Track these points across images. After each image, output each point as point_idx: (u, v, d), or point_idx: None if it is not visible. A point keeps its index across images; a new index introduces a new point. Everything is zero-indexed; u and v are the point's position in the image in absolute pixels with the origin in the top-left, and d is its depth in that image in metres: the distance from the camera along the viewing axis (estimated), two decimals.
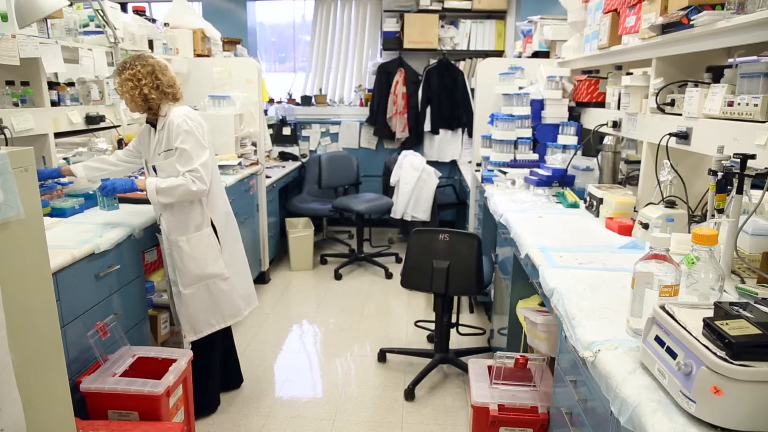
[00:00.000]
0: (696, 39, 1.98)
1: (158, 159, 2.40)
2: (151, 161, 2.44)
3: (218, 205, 2.54)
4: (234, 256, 2.64)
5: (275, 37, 6.38)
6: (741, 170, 1.57)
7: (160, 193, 2.29)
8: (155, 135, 2.42)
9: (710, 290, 1.34)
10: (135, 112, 2.48)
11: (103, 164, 2.61)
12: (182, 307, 2.49)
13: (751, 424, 0.91)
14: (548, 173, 2.94)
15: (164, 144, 2.37)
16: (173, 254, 2.46)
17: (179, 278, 2.47)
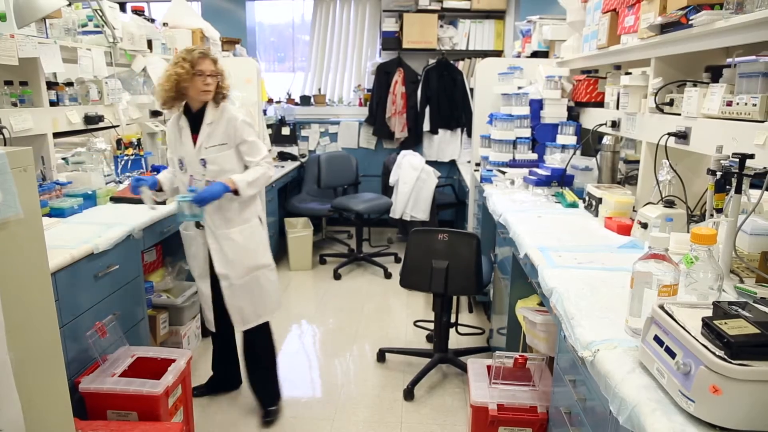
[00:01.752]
0: (695, 39, 1.98)
1: (209, 152, 2.37)
2: (198, 155, 2.38)
3: (258, 197, 2.61)
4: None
5: (274, 36, 6.38)
6: (740, 170, 1.57)
7: (250, 186, 2.35)
8: (204, 128, 2.37)
9: (709, 290, 1.34)
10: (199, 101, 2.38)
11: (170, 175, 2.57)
12: (234, 299, 2.51)
13: (750, 423, 0.91)
14: (547, 173, 2.94)
15: (218, 138, 2.37)
16: (223, 248, 2.46)
17: (232, 270, 2.48)
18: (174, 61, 2.33)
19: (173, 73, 2.29)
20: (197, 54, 2.32)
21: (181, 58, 2.31)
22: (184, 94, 2.33)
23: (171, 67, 2.32)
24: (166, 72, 2.34)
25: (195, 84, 2.30)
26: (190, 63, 2.28)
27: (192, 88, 2.31)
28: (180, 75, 2.27)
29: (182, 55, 2.32)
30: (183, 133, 2.41)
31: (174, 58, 2.36)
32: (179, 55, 2.34)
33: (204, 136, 2.38)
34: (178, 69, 2.27)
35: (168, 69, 2.34)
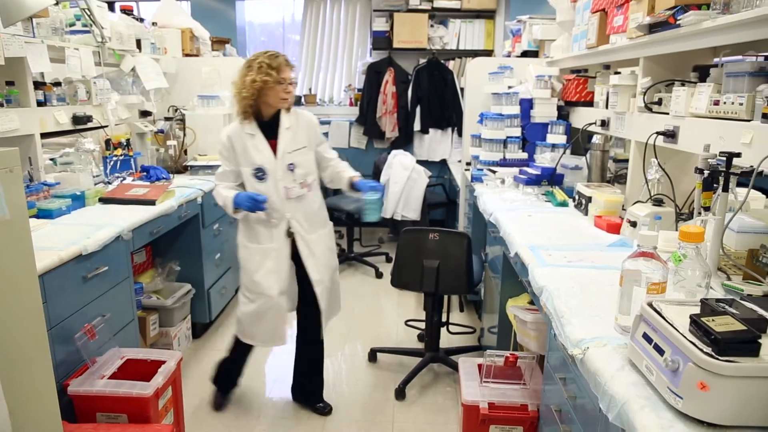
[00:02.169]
0: (682, 39, 2.00)
1: (294, 157, 2.34)
2: (283, 161, 2.32)
3: None
4: None
5: (265, 36, 6.36)
6: (727, 168, 1.59)
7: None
8: (283, 134, 2.33)
9: (697, 287, 1.35)
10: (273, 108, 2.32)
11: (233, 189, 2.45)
12: (325, 303, 2.54)
13: (736, 418, 0.92)
14: (537, 172, 2.95)
15: (300, 141, 2.36)
16: (315, 253, 2.46)
17: (325, 274, 2.52)
18: (254, 66, 2.21)
19: (258, 80, 2.19)
20: (282, 60, 2.25)
21: (264, 64, 2.20)
22: (261, 101, 2.25)
23: (252, 74, 2.20)
24: (244, 78, 2.23)
25: (276, 92, 2.23)
26: (276, 70, 2.21)
27: (273, 95, 2.24)
28: (266, 83, 2.20)
29: (265, 61, 2.21)
30: (256, 141, 2.31)
31: (252, 63, 2.24)
32: (260, 60, 2.22)
33: (286, 141, 2.33)
34: (264, 76, 2.19)
35: (247, 75, 2.22)
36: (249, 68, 2.23)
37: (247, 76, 2.22)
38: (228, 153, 2.37)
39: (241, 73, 2.27)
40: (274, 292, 2.42)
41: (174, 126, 3.71)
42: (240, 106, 2.28)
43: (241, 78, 2.25)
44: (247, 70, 2.23)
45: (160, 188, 2.89)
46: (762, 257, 1.59)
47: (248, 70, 2.23)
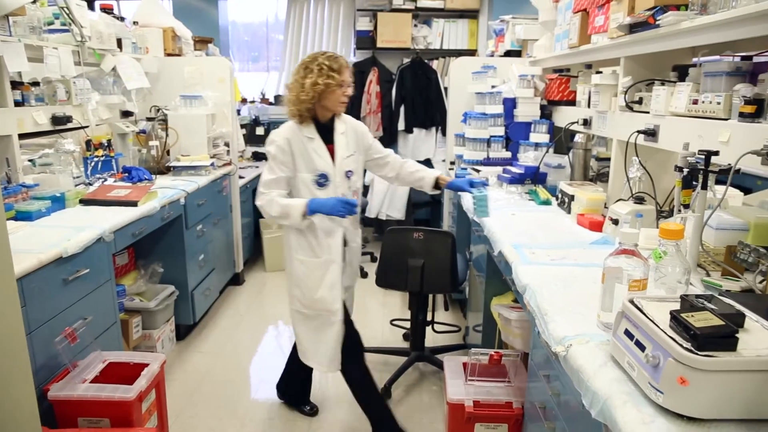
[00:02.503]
0: (662, 39, 2.02)
1: (349, 163, 2.27)
2: (341, 167, 2.25)
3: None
4: None
5: (248, 36, 6.32)
6: (705, 166, 1.61)
7: None
8: (339, 138, 2.25)
9: (677, 283, 1.36)
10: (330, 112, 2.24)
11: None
12: (350, 307, 2.50)
13: (714, 412, 0.94)
14: (521, 171, 2.97)
15: (352, 147, 2.30)
16: (353, 261, 2.43)
17: (355, 279, 2.49)
18: (314, 69, 2.13)
19: (320, 83, 2.11)
20: (343, 62, 2.18)
21: (325, 66, 2.12)
22: (319, 104, 2.17)
23: (313, 77, 2.12)
24: (303, 80, 2.13)
25: (336, 95, 2.17)
26: (337, 72, 2.13)
27: (333, 99, 2.17)
28: (328, 86, 2.12)
29: (325, 63, 2.13)
30: (315, 146, 2.20)
31: (311, 65, 2.15)
32: (320, 62, 2.13)
33: (342, 147, 2.25)
34: (326, 79, 2.11)
35: (306, 77, 2.13)
36: (308, 70, 2.14)
37: (306, 79, 2.12)
38: (285, 157, 2.18)
39: (298, 74, 2.18)
40: (337, 306, 2.28)
41: (156, 126, 3.67)
42: (297, 109, 2.17)
43: (300, 80, 2.15)
44: (306, 72, 2.14)
45: (143, 189, 2.86)
46: (740, 253, 1.62)
47: (307, 72, 2.14)
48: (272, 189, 2.18)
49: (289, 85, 2.23)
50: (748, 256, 1.59)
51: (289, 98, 2.21)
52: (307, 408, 2.70)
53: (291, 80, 2.22)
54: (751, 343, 0.96)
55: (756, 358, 0.92)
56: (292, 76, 2.22)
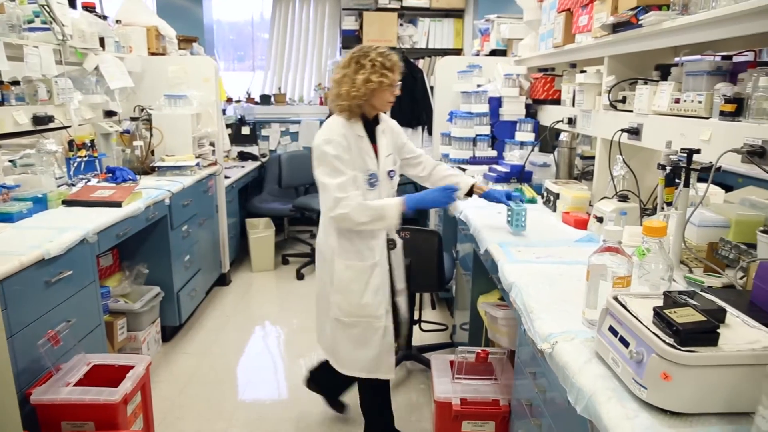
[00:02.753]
0: (644, 38, 2.05)
1: (389, 162, 2.18)
2: (385, 167, 2.15)
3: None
4: None
5: (233, 35, 6.28)
6: (687, 164, 1.63)
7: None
8: (380, 137, 2.16)
9: (660, 280, 1.38)
10: (375, 111, 2.14)
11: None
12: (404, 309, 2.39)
13: (696, 406, 0.95)
14: (506, 169, 2.98)
15: (390, 147, 2.21)
16: (400, 263, 2.33)
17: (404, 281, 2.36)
18: (366, 64, 2.01)
19: (373, 80, 1.99)
20: (396, 60, 2.07)
21: (378, 63, 2.01)
22: (367, 102, 2.06)
23: (366, 73, 2.00)
24: (356, 76, 2.01)
25: (386, 95, 2.06)
26: (390, 70, 2.03)
27: (381, 98, 2.06)
28: (381, 84, 2.01)
29: (379, 60, 2.02)
30: (364, 144, 2.08)
31: (363, 60, 2.02)
32: (373, 58, 2.02)
33: (384, 146, 2.16)
34: (380, 77, 2.00)
35: (358, 73, 2.01)
36: (360, 66, 2.02)
37: (359, 74, 2.00)
38: (347, 155, 2.03)
39: (348, 68, 2.04)
40: (381, 311, 2.17)
41: (140, 126, 3.63)
42: (348, 105, 2.04)
43: (351, 75, 2.02)
44: (358, 66, 2.02)
45: (127, 190, 2.83)
46: (721, 250, 1.64)
47: (360, 68, 2.02)
48: (349, 191, 1.99)
49: (337, 78, 2.08)
50: (729, 252, 1.62)
51: (338, 92, 2.06)
52: (337, 404, 2.64)
53: (338, 73, 2.08)
54: (732, 338, 0.97)
55: (736, 353, 0.93)
56: (340, 68, 2.07)
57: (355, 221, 1.99)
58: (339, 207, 1.97)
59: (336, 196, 1.97)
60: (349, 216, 1.98)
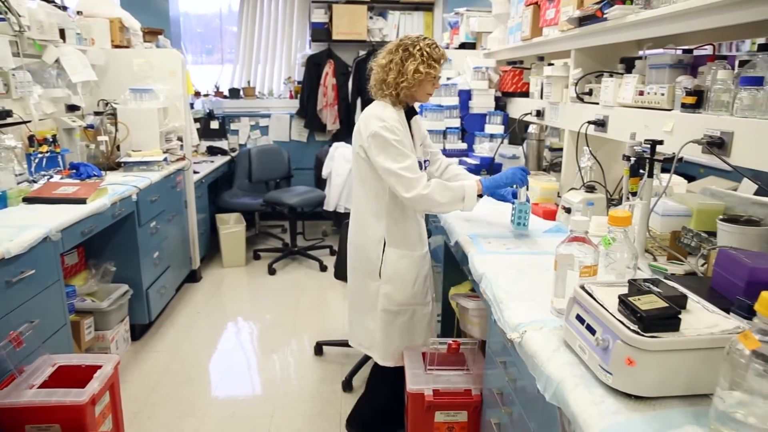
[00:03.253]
0: (609, 31, 2.08)
1: (421, 153, 2.17)
2: (420, 156, 2.13)
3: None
4: None
5: (201, 27, 6.17)
6: (651, 155, 1.67)
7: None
8: (414, 127, 2.14)
9: (626, 269, 1.41)
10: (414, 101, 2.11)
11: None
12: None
13: (659, 390, 0.98)
14: (476, 162, 3.01)
15: (419, 137, 2.19)
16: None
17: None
18: (415, 54, 1.97)
19: (422, 71, 1.96)
20: (443, 54, 2.04)
21: (426, 53, 1.98)
22: (410, 91, 2.02)
23: (415, 63, 1.96)
24: (404, 64, 1.98)
25: (428, 87, 2.04)
26: (437, 62, 2.01)
27: (423, 90, 2.04)
28: (429, 76, 1.99)
29: (427, 50, 1.98)
30: (406, 133, 2.05)
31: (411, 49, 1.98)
32: (421, 48, 1.98)
33: (418, 137, 2.14)
34: (428, 69, 1.98)
35: (408, 62, 1.97)
36: (409, 54, 1.98)
37: (408, 63, 1.97)
38: (405, 140, 1.99)
39: (396, 55, 2.00)
40: (429, 298, 2.19)
41: (105, 121, 3.54)
42: (396, 92, 2.01)
43: (399, 62, 1.99)
44: (407, 54, 1.98)
45: (92, 186, 2.76)
46: (683, 238, 1.69)
47: (409, 56, 1.98)
48: (419, 171, 1.96)
49: (382, 63, 2.03)
50: (691, 240, 1.67)
51: (383, 78, 2.02)
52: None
53: (384, 57, 2.03)
54: (693, 323, 1.00)
55: (696, 337, 0.96)
56: (387, 53, 2.03)
57: (435, 201, 1.93)
58: (420, 187, 1.91)
59: (409, 177, 1.91)
60: (429, 196, 1.92)
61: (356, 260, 2.21)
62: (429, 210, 1.99)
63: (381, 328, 2.15)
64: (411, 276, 2.12)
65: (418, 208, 1.98)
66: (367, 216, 2.12)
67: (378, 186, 2.05)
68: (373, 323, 2.17)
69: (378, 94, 2.08)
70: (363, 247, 2.15)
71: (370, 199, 2.09)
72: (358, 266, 2.21)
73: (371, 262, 2.13)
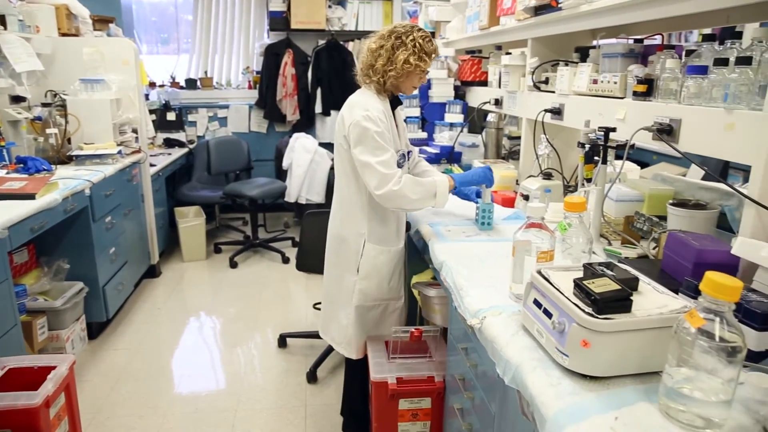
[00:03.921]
0: (564, 21, 2.12)
1: (406, 144, 2.13)
2: (404, 147, 2.09)
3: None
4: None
5: (155, 16, 5.98)
6: (605, 142, 1.71)
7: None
8: (398, 116, 2.10)
9: (582, 253, 1.44)
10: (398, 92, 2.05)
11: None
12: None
13: (612, 369, 1.01)
14: (437, 151, 3.02)
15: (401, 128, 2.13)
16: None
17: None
18: (407, 44, 1.91)
19: (412, 63, 1.90)
20: (436, 48, 1.99)
21: (419, 45, 1.91)
22: (396, 81, 1.96)
23: (406, 53, 1.90)
24: (394, 53, 1.91)
25: (415, 81, 1.99)
26: (429, 56, 1.95)
27: (410, 82, 1.98)
28: (418, 68, 1.93)
29: (420, 42, 1.92)
30: (391, 123, 2.00)
31: (404, 38, 1.91)
32: (414, 39, 1.91)
33: (403, 127, 2.10)
34: (418, 61, 1.91)
35: (398, 51, 1.91)
36: (401, 42, 1.91)
37: (399, 52, 1.90)
38: (388, 132, 1.93)
39: (388, 42, 1.93)
40: (402, 292, 2.18)
41: (54, 113, 3.41)
42: (383, 80, 1.95)
43: (389, 50, 1.92)
44: (399, 43, 1.92)
45: (41, 180, 2.66)
46: (636, 222, 1.74)
47: (400, 44, 1.91)
48: (394, 168, 1.89)
49: (372, 47, 1.96)
50: (643, 224, 1.72)
51: (372, 64, 1.96)
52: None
53: (375, 42, 1.96)
54: (644, 304, 1.03)
55: (647, 318, 0.99)
56: (379, 39, 1.96)
57: (407, 197, 1.89)
58: (391, 183, 1.86)
59: (384, 172, 1.85)
60: (401, 192, 1.87)
61: (335, 254, 2.16)
62: (400, 207, 1.93)
63: (354, 323, 2.12)
64: (388, 271, 2.09)
65: (388, 205, 1.91)
66: (350, 209, 2.06)
67: (362, 178, 1.98)
68: (347, 319, 2.14)
69: (364, 79, 2.02)
70: (345, 240, 2.10)
71: (352, 192, 2.02)
72: (336, 261, 2.16)
73: (351, 256, 2.08)
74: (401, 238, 2.14)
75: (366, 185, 1.91)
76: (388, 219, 2.06)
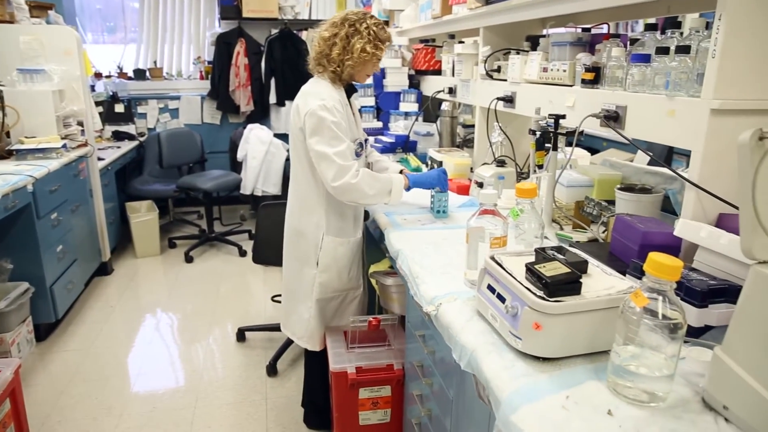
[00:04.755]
0: (515, 9, 2.14)
1: (362, 132, 2.09)
2: (361, 136, 2.05)
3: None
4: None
5: (100, 4, 5.74)
6: (555, 129, 1.75)
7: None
8: (352, 107, 2.04)
9: (534, 238, 1.48)
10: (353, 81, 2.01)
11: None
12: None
13: (564, 350, 1.04)
14: (392, 140, 3.03)
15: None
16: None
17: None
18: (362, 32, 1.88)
19: (368, 51, 1.87)
20: (390, 36, 1.96)
21: (373, 32, 1.88)
22: (353, 71, 1.93)
23: (362, 41, 1.87)
24: (350, 41, 1.87)
25: (370, 69, 1.96)
26: (383, 43, 1.92)
27: (364, 71, 1.96)
28: (375, 57, 1.91)
29: (374, 29, 1.89)
30: (348, 112, 1.97)
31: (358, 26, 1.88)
32: (368, 26, 1.88)
33: (358, 116, 2.06)
34: (374, 49, 1.89)
35: (354, 39, 1.87)
36: (355, 30, 1.88)
37: (354, 40, 1.87)
38: (344, 122, 1.89)
39: (342, 30, 1.89)
40: (361, 281, 2.17)
41: None
42: (339, 69, 1.92)
43: (344, 38, 1.88)
44: (353, 31, 1.88)
45: None
46: (586, 207, 1.79)
47: (355, 32, 1.88)
48: (350, 159, 1.87)
49: (325, 35, 1.91)
50: (593, 209, 1.77)
51: (326, 53, 1.92)
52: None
53: (327, 30, 1.92)
54: (593, 286, 1.06)
55: (595, 299, 1.02)
56: (331, 26, 1.92)
57: (363, 192, 1.86)
58: (348, 176, 1.82)
59: (340, 164, 1.82)
60: (358, 186, 1.84)
61: (294, 247, 2.12)
62: (354, 200, 1.89)
63: (315, 315, 2.10)
64: (347, 263, 2.08)
65: (343, 197, 1.87)
66: (307, 202, 2.02)
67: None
68: (308, 312, 2.11)
69: (317, 69, 1.98)
70: (302, 234, 2.07)
71: (310, 183, 1.99)
72: (295, 254, 2.12)
73: (310, 249, 2.06)
74: (359, 229, 2.14)
75: (321, 176, 1.88)
76: (346, 210, 2.05)
